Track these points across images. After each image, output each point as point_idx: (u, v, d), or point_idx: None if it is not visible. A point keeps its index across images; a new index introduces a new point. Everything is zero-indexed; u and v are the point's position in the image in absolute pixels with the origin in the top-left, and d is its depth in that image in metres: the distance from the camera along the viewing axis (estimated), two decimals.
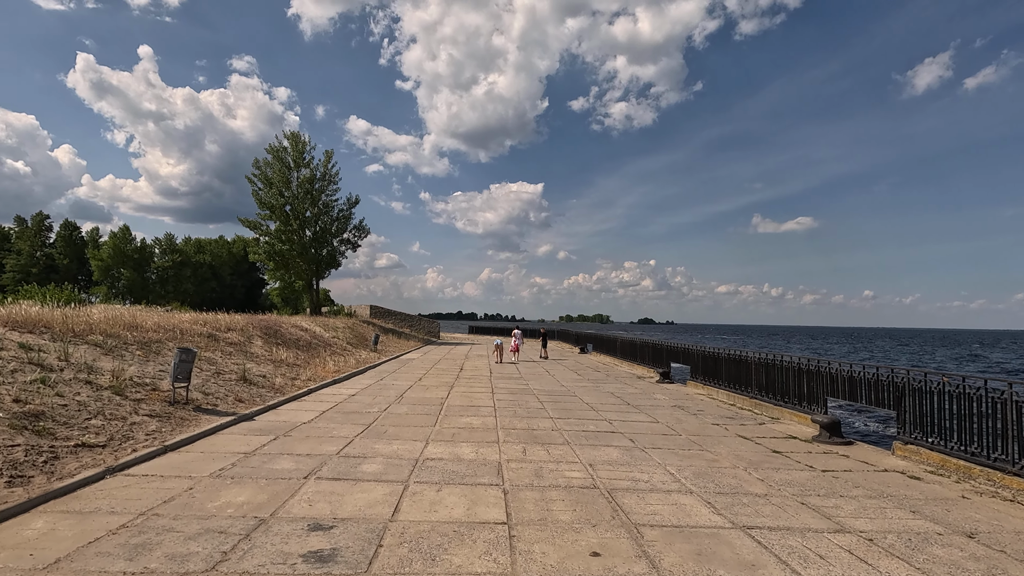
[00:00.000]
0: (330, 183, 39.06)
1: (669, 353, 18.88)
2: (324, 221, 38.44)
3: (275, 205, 35.85)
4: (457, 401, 12.22)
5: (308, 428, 8.82)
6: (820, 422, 9.31)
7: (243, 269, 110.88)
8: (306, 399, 11.74)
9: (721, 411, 12.15)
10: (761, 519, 5.37)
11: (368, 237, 41.63)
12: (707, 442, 8.89)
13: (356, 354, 22.15)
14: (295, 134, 37.92)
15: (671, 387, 16.45)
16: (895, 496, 6.26)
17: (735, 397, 13.50)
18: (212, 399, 9.76)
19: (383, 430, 8.89)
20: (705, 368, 15.79)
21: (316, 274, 38.76)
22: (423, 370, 19.18)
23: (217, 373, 11.52)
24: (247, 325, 17.50)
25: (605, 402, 12.91)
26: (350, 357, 20.63)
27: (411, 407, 11.22)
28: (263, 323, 19.03)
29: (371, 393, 13.02)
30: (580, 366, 22.98)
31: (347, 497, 5.53)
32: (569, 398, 13.37)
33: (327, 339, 22.76)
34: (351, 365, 18.09)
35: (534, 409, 11.51)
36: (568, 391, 14.64)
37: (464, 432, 8.94)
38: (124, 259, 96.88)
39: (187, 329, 14.34)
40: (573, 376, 18.65)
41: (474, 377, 17.36)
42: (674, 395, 14.58)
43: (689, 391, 15.53)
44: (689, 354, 17.12)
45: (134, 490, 5.50)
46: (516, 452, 7.73)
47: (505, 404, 12.03)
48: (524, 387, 15.19)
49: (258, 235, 36.55)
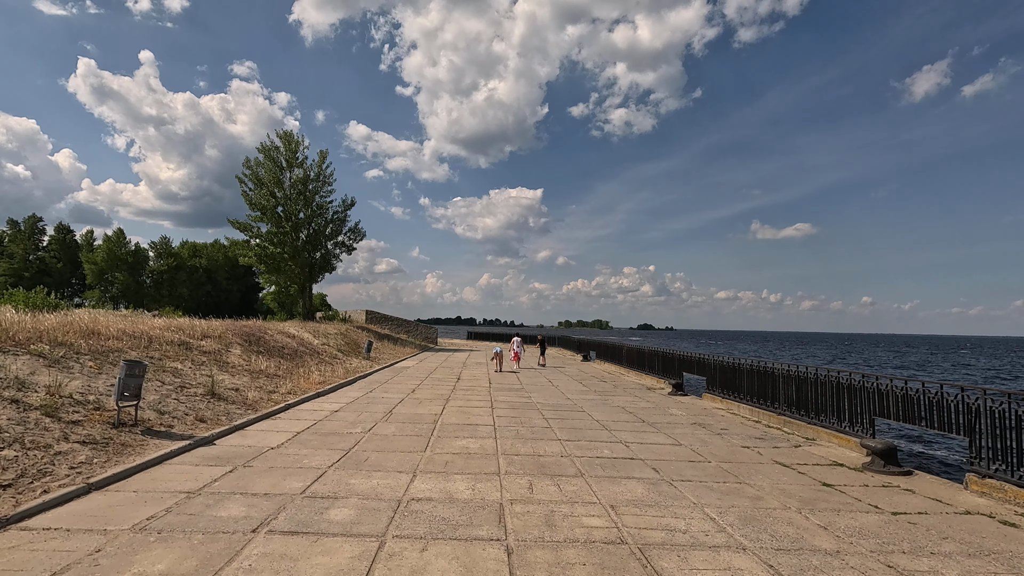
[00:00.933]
0: (324, 184, 37.81)
1: (682, 363, 17.58)
2: (318, 223, 37.16)
3: (266, 206, 34.56)
4: (452, 418, 10.91)
5: (275, 456, 7.51)
6: (872, 448, 8.01)
7: (239, 273, 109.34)
8: (281, 416, 10.43)
9: (747, 430, 10.85)
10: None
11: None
12: (743, 471, 7.60)
13: (347, 362, 20.83)
14: (288, 133, 36.71)
15: (685, 400, 15.14)
16: (999, 553, 4.96)
17: (759, 413, 12.21)
18: (168, 419, 8.45)
19: (363, 457, 7.58)
20: (724, 380, 14.49)
21: (309, 278, 37.44)
22: (417, 380, 17.87)
23: (181, 387, 10.20)
24: (226, 332, 16.19)
25: (617, 419, 11.61)
26: (340, 366, 19.31)
27: (400, 426, 9.91)
28: (245, 330, 17.73)
29: (357, 408, 11.70)
30: (584, 375, 21.68)
31: (301, 564, 4.22)
32: (576, 414, 12.06)
33: (316, 346, 21.45)
34: (339, 375, 16.77)
35: (539, 428, 10.20)
36: (575, 405, 13.34)
37: (459, 459, 7.64)
38: (118, 263, 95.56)
39: (157, 336, 13.04)
40: (578, 387, 17.35)
41: (472, 388, 16.05)
42: (691, 410, 13.28)
43: (706, 405, 14.22)
44: (705, 364, 15.83)
45: (20, 555, 4.19)
46: (521, 488, 6.43)
47: (506, 422, 10.73)
48: (526, 400, 13.88)
49: (248, 237, 35.24)
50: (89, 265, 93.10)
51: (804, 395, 10.89)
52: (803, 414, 10.87)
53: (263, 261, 35.65)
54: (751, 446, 9.36)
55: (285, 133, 36.75)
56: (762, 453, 8.82)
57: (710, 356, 15.67)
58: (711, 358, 15.53)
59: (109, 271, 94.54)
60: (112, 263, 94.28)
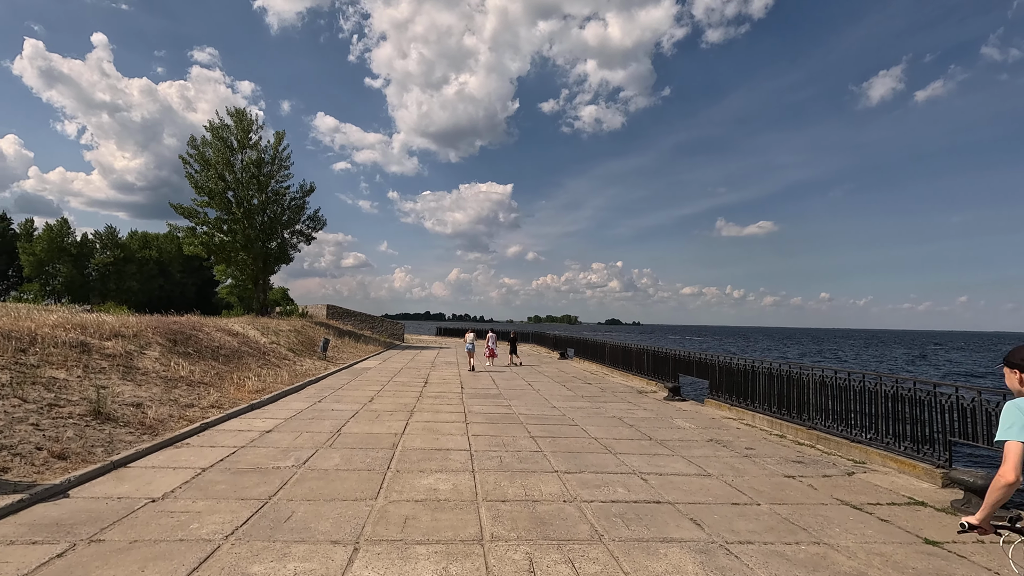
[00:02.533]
0: (281, 168, 34.76)
1: (677, 363, 15.71)
2: (273, 210, 34.08)
3: (214, 190, 31.33)
4: (417, 440, 8.66)
5: (150, 516, 5.14)
6: (968, 484, 6.15)
7: (194, 266, 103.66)
8: (189, 443, 7.98)
9: (777, 449, 8.96)
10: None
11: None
12: (809, 519, 5.62)
13: (298, 364, 18.27)
14: (240, 111, 33.46)
15: (687, 407, 13.25)
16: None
17: (782, 426, 10.36)
18: (5, 457, 5.95)
19: (286, 513, 5.29)
20: (731, 384, 12.64)
21: (264, 270, 34.36)
22: (378, 385, 15.49)
23: (51, 405, 7.64)
24: (145, 329, 13.49)
25: (618, 435, 9.57)
26: (288, 369, 16.75)
27: (348, 454, 7.62)
28: (174, 326, 15.01)
29: (296, 427, 9.33)
30: (565, 376, 19.66)
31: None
32: (569, 429, 9.97)
33: (263, 346, 18.79)
34: (283, 381, 14.25)
35: (527, 453, 8.06)
36: (564, 416, 11.25)
37: (424, 513, 5.42)
38: (60, 253, 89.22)
39: (46, 336, 10.34)
40: (562, 392, 15.28)
41: (442, 395, 13.79)
42: (698, 420, 11.37)
43: (713, 414, 12.34)
44: (707, 366, 13.96)
45: None
46: (517, 570, 4.27)
47: (485, 443, 8.55)
48: (506, 411, 11.72)
49: (194, 224, 31.90)
50: (27, 256, 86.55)
51: (845, 407, 9.05)
52: (843, 430, 9.04)
53: (211, 251, 32.43)
54: (795, 474, 7.44)
55: (237, 111, 33.52)
56: (816, 487, 6.89)
57: (714, 356, 13.82)
58: (715, 359, 13.67)
59: (50, 263, 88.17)
60: (53, 254, 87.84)
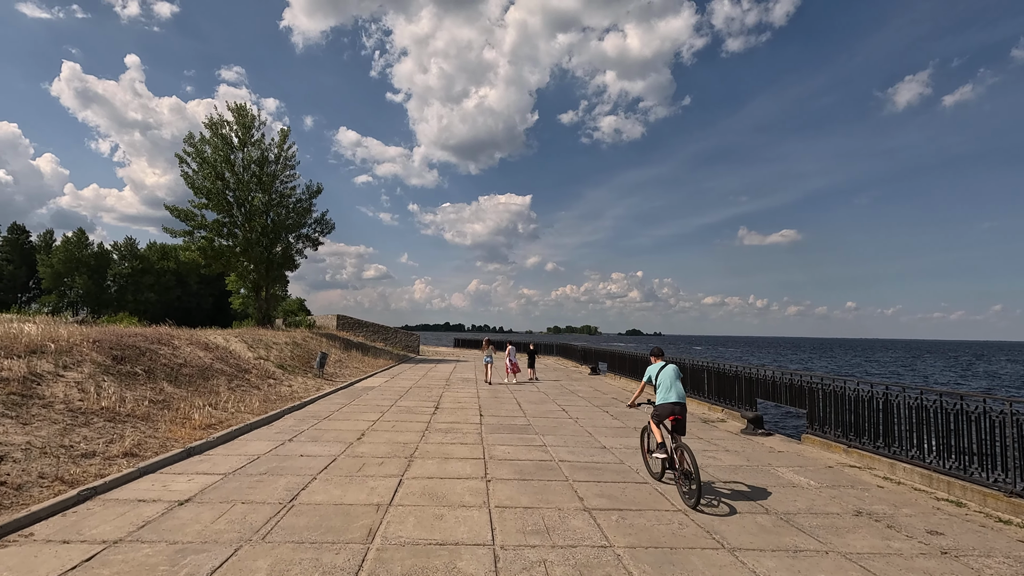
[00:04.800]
0: (286, 168, 32.28)
1: (753, 385, 12.34)
2: (278, 213, 31.52)
3: (212, 190, 28.87)
4: (408, 523, 5.50)
5: None
6: None
7: (212, 277, 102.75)
8: (33, 532, 4.96)
9: (986, 536, 5.58)
10: None
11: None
12: None
13: (285, 384, 15.32)
14: (240, 106, 31.07)
15: (779, 446, 9.89)
16: None
17: (948, 485, 6.97)
18: None
19: None
20: (846, 417, 9.25)
21: (266, 276, 31.76)
22: (376, 412, 12.43)
23: None
24: (82, 343, 10.65)
25: (727, 516, 6.30)
26: (270, 390, 13.80)
27: (287, 556, 4.52)
28: (128, 339, 12.19)
29: (230, 492, 6.26)
30: (603, 397, 16.37)
31: None
32: (637, 491, 6.73)
33: (246, 362, 15.90)
34: (252, 409, 11.24)
35: (589, 552, 4.83)
36: (623, 466, 8.00)
37: None
38: (78, 265, 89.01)
39: None
40: (606, 421, 12.02)
41: (454, 428, 10.66)
42: (811, 471, 8.02)
43: (824, 458, 8.94)
44: (800, 390, 10.57)
45: None
46: None
47: (517, 526, 5.36)
48: (541, 455, 8.52)
49: (191, 227, 29.43)
50: (45, 268, 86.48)
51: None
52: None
53: (208, 257, 29.94)
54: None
55: (237, 106, 31.14)
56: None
57: (813, 377, 10.43)
58: (816, 381, 10.29)
59: (68, 274, 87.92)
60: (71, 266, 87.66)
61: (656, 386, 7.00)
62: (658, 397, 6.90)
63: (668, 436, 6.87)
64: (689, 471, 6.28)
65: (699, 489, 6.07)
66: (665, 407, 6.77)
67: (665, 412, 6.78)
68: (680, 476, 6.55)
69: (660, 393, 6.89)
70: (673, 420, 6.74)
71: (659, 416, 6.88)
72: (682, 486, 6.53)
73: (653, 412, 6.98)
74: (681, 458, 6.49)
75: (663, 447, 6.82)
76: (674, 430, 6.77)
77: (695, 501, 6.12)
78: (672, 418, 6.75)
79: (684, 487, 6.47)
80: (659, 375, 6.99)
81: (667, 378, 6.91)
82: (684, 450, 6.45)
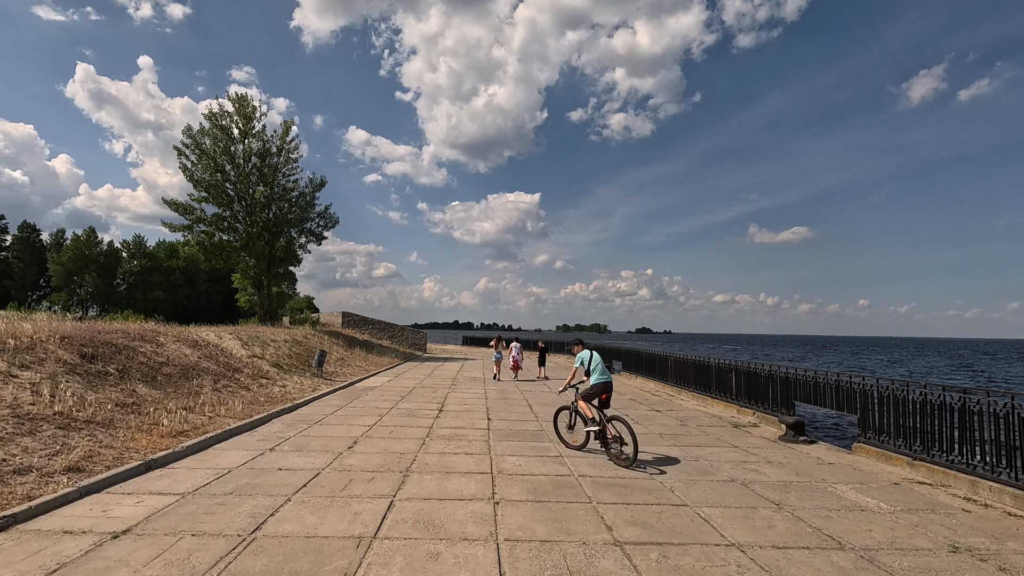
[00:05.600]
0: (288, 161, 31.32)
1: (790, 385, 11.09)
2: (280, 207, 30.56)
3: (211, 183, 27.96)
4: (395, 564, 4.36)
5: None
6: None
7: (220, 275, 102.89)
8: None
9: None
10: None
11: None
12: None
13: (279, 384, 14.28)
14: (241, 96, 30.16)
15: (827, 456, 8.65)
16: None
17: None
18: None
19: None
20: (903, 424, 8.00)
21: (268, 272, 30.84)
22: (374, 415, 11.34)
23: None
24: (48, 339, 9.65)
25: (777, 537, 5.08)
26: (261, 391, 12.77)
27: None
28: (105, 336, 11.20)
29: (183, 519, 5.16)
30: (617, 398, 15.15)
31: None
32: (674, 514, 5.56)
33: (239, 360, 14.88)
34: (235, 412, 10.16)
35: None
36: (652, 480, 6.83)
37: None
38: (88, 263, 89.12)
39: None
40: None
41: (459, 434, 9.53)
42: (874, 488, 6.79)
43: (885, 472, 7.68)
44: (851, 392, 9.32)
45: None
46: None
47: (533, 567, 4.24)
48: (558, 468, 7.35)
49: (190, 221, 28.55)
50: (55, 266, 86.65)
51: None
52: None
53: (207, 252, 29.07)
54: None
55: (238, 96, 30.22)
56: None
57: (862, 379, 9.17)
58: (868, 383, 9.04)
59: (78, 272, 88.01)
60: (80, 264, 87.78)
61: (590, 370, 7.95)
62: (592, 379, 7.90)
63: (597, 411, 7.88)
64: (620, 437, 7.52)
65: (635, 451, 7.25)
66: (599, 387, 7.84)
67: (599, 391, 7.86)
68: (611, 442, 7.61)
69: (594, 376, 7.90)
70: (605, 397, 7.91)
71: (591, 395, 7.90)
72: (612, 451, 7.63)
73: (584, 392, 7.97)
74: (613, 428, 7.65)
75: (595, 421, 7.81)
76: (602, 406, 7.94)
77: (630, 462, 7.30)
78: (604, 396, 7.89)
79: (615, 451, 7.59)
80: (591, 361, 7.97)
81: (598, 363, 7.99)
82: (614, 420, 7.70)
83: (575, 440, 8.50)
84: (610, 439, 7.58)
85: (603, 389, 7.83)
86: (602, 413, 7.87)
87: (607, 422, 7.72)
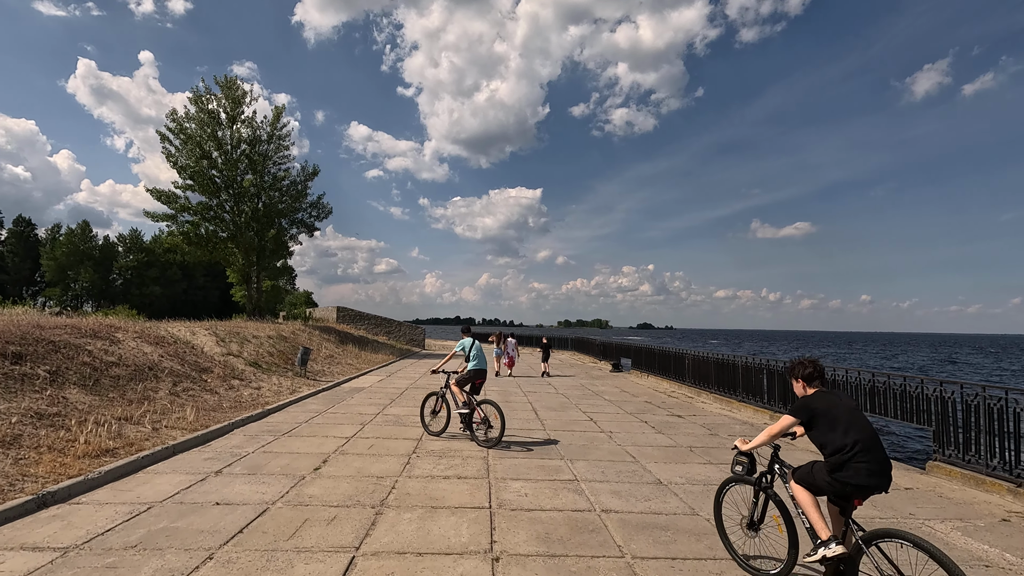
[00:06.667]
0: (279, 148, 29.70)
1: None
2: (270, 196, 28.97)
3: (196, 170, 26.38)
4: None
5: None
6: None
7: (219, 270, 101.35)
8: None
9: None
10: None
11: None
12: None
13: (255, 385, 12.75)
14: (230, 80, 28.54)
15: (895, 475, 7.08)
16: None
17: None
18: None
19: None
20: (1001, 442, 6.44)
21: (257, 264, 29.30)
22: (356, 424, 9.80)
23: None
24: None
25: None
26: (228, 395, 11.23)
27: None
28: (43, 332, 9.66)
29: None
30: (634, 400, 13.63)
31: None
32: None
33: (210, 359, 13.34)
34: (185, 421, 8.56)
35: None
36: (697, 519, 5.28)
37: None
38: (83, 258, 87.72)
39: None
40: (650, 436, 9.25)
41: (451, 449, 7.96)
42: (982, 529, 5.21)
43: (983, 502, 6.09)
44: (921, 402, 7.74)
45: None
46: None
47: None
48: (574, 499, 5.81)
49: (174, 211, 26.99)
50: (48, 261, 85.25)
51: None
52: None
53: (192, 243, 27.53)
54: None
55: (227, 80, 28.60)
56: None
57: (937, 385, 7.60)
58: (945, 390, 7.48)
59: (72, 267, 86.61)
60: (75, 259, 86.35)
61: (469, 356, 8.47)
62: (471, 365, 8.45)
63: (469, 396, 8.42)
64: (488, 419, 8.04)
65: (501, 433, 7.91)
66: (473, 373, 8.45)
67: (473, 377, 8.46)
68: (479, 425, 8.14)
69: (473, 363, 8.45)
70: (479, 383, 8.54)
71: (466, 380, 8.46)
72: (479, 433, 8.14)
73: (459, 378, 8.48)
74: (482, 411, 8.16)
75: (467, 404, 8.33)
76: (474, 391, 8.53)
77: (495, 442, 7.92)
78: (478, 382, 8.52)
79: (482, 433, 8.10)
80: (472, 348, 8.50)
81: (479, 350, 8.58)
82: (483, 404, 8.26)
83: (437, 427, 8.82)
84: (477, 422, 8.16)
85: (478, 375, 8.48)
86: (472, 397, 8.41)
87: (477, 405, 8.26)
